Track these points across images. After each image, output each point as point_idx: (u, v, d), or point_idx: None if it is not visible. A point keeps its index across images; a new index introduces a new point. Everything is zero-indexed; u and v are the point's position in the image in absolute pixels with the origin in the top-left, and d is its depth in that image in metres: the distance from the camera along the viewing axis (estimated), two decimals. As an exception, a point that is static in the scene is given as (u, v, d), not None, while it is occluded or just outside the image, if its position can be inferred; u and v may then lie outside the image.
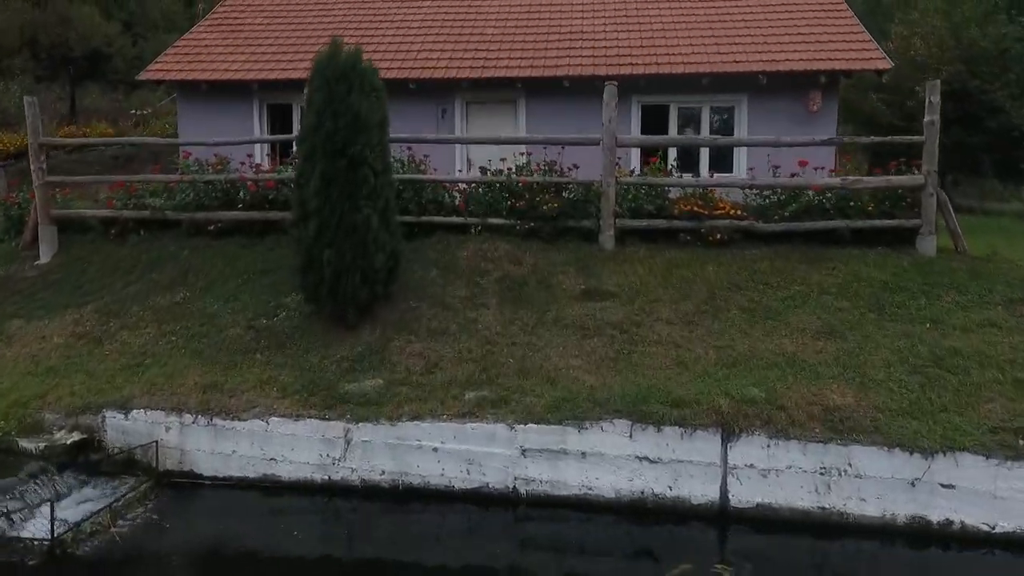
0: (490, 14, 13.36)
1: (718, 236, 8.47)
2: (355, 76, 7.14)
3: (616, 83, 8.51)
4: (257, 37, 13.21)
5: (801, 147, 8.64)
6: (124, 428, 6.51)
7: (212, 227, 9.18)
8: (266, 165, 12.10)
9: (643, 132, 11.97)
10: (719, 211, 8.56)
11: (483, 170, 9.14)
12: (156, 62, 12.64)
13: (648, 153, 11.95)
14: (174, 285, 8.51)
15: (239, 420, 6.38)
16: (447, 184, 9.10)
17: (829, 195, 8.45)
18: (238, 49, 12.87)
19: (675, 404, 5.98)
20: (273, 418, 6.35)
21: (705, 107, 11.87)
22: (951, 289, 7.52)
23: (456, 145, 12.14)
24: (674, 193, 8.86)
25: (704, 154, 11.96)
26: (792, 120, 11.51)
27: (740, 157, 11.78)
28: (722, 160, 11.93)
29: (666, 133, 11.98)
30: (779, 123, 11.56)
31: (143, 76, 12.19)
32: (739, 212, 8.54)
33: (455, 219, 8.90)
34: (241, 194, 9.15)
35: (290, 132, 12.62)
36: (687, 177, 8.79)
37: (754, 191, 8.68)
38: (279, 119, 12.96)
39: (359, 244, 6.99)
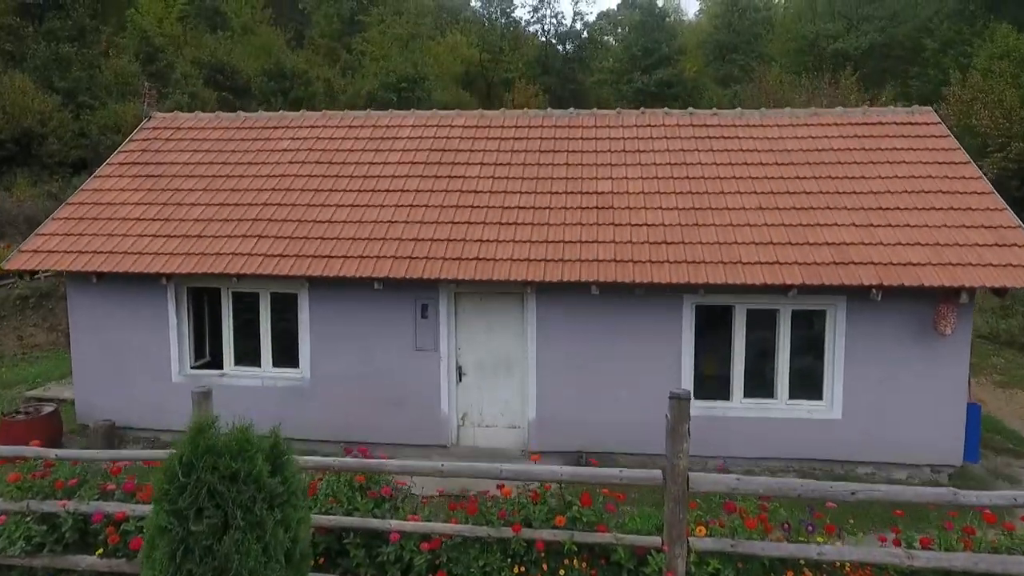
0: (488, 170, 9.94)
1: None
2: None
3: (685, 394, 5.22)
4: (180, 189, 9.92)
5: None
6: None
7: (59, 584, 5.94)
8: (184, 371, 8.88)
9: (698, 337, 8.70)
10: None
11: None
12: (38, 233, 9.32)
13: (705, 363, 8.78)
14: None
15: None
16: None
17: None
18: (152, 207, 9.59)
19: None
20: None
21: (784, 310, 8.56)
22: None
23: (442, 375, 8.87)
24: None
25: (783, 375, 8.66)
26: (911, 338, 8.24)
27: (831, 379, 8.49)
28: (806, 385, 8.66)
29: (730, 339, 8.72)
30: (891, 341, 8.31)
31: (9, 265, 8.82)
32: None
33: (431, 590, 5.63)
34: (102, 536, 5.90)
35: (219, 324, 9.39)
36: (805, 545, 5.47)
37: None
38: (207, 306, 9.68)
39: None
